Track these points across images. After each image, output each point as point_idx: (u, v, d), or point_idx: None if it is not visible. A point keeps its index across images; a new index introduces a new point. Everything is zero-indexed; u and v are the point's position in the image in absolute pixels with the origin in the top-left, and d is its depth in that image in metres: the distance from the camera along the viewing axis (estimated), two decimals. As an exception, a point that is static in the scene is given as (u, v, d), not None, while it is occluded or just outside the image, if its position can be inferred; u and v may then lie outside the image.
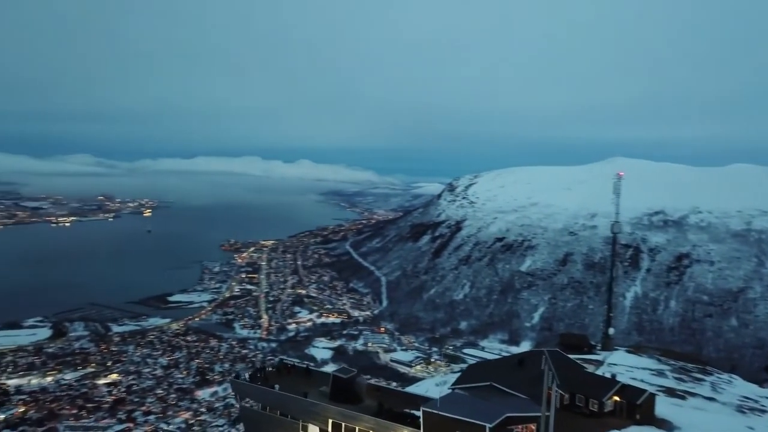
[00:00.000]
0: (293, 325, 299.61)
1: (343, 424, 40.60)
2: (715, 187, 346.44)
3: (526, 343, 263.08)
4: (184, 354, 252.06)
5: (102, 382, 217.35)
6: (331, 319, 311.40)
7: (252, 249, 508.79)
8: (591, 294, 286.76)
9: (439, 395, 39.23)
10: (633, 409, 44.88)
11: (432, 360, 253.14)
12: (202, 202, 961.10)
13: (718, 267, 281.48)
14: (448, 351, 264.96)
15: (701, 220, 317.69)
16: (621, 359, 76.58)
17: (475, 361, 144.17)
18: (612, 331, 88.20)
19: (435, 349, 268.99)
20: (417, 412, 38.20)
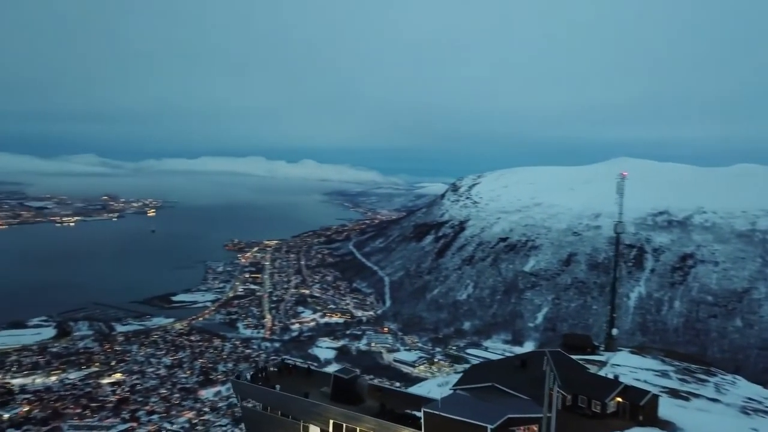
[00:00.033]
0: (296, 325, 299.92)
1: (344, 425, 40.50)
2: (719, 187, 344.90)
3: (530, 344, 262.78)
4: (188, 354, 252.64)
5: (106, 381, 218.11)
6: (335, 319, 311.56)
7: (256, 249, 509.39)
8: (595, 294, 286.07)
9: (441, 396, 39.14)
10: (636, 410, 44.64)
11: (435, 360, 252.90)
12: (206, 202, 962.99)
13: (722, 267, 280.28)
14: (452, 351, 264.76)
15: (706, 221, 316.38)
16: (624, 360, 76.27)
17: (478, 362, 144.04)
18: (615, 331, 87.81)
19: (438, 349, 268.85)
20: (418, 413, 38.08)
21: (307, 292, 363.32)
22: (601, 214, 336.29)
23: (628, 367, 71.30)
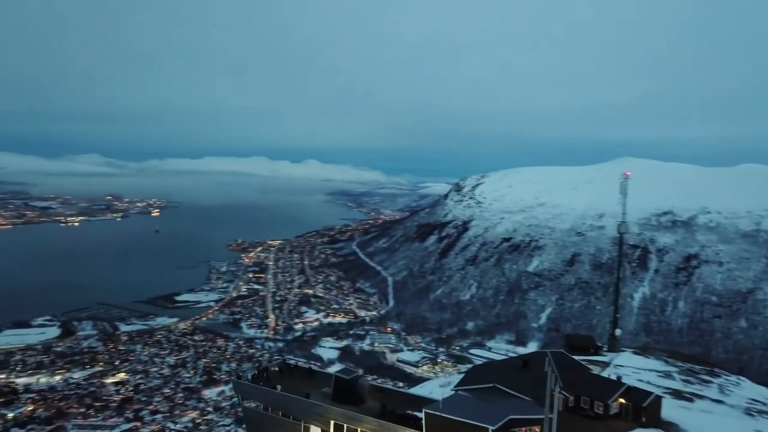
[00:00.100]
0: (300, 325, 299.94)
1: (345, 426, 40.45)
2: (724, 187, 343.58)
3: (533, 344, 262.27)
4: (192, 353, 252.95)
5: (110, 381, 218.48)
6: (338, 319, 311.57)
7: (259, 249, 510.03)
8: (599, 294, 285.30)
9: (442, 397, 39.02)
10: (639, 411, 44.43)
11: (438, 360, 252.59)
12: (209, 202, 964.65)
13: (727, 268, 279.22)
14: (455, 351, 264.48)
15: (710, 221, 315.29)
16: (627, 361, 75.97)
17: (482, 362, 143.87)
18: (619, 332, 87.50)
19: (441, 349, 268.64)
20: (420, 414, 37.96)
21: (310, 292, 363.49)
22: (605, 214, 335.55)
23: (632, 367, 71.04)
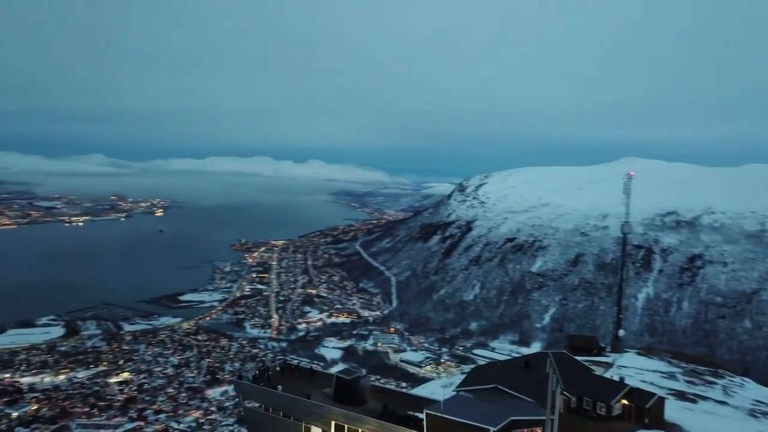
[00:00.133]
0: (303, 325, 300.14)
1: (346, 426, 40.36)
2: (728, 187, 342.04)
3: (537, 344, 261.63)
4: (195, 353, 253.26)
5: (114, 380, 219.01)
6: (341, 319, 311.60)
7: (263, 249, 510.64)
8: (602, 295, 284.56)
9: (444, 397, 38.87)
10: (642, 412, 44.17)
11: (442, 361, 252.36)
12: (213, 202, 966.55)
13: (731, 268, 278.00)
14: (458, 352, 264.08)
15: (714, 221, 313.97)
16: (631, 361, 75.62)
17: (485, 362, 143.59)
18: (622, 332, 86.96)
19: (445, 349, 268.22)
20: (421, 415, 37.84)
21: (313, 292, 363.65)
22: (609, 214, 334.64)
23: (635, 368, 70.70)
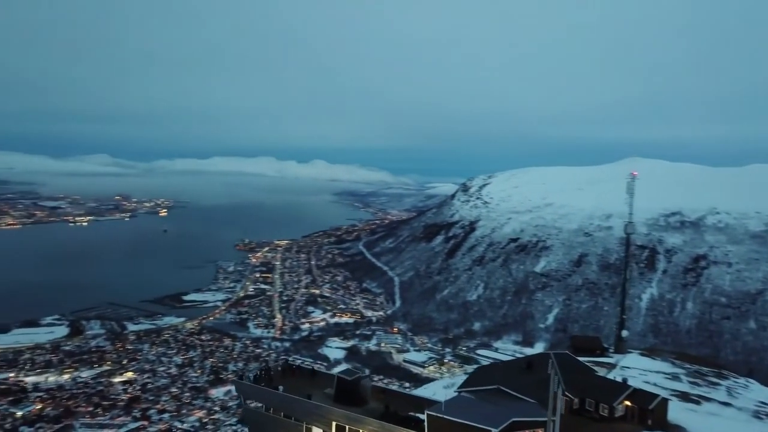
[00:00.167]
0: (307, 325, 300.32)
1: (347, 427, 40.27)
2: (732, 187, 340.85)
3: (540, 345, 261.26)
4: (199, 353, 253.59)
5: (117, 380, 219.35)
6: (345, 319, 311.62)
7: (266, 249, 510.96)
8: (606, 295, 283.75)
9: (445, 398, 38.74)
10: (645, 414, 43.96)
11: (445, 361, 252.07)
12: (217, 202, 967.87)
13: (736, 269, 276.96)
14: (462, 352, 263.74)
15: (719, 221, 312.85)
16: (634, 362, 75.47)
17: (488, 363, 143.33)
18: (625, 333, 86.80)
19: (448, 349, 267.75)
20: (422, 416, 37.73)
21: (317, 291, 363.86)
22: (613, 214, 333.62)
23: (638, 369, 70.53)
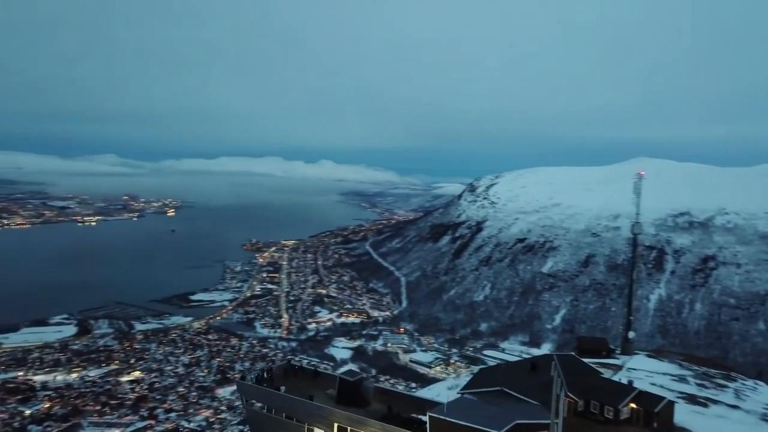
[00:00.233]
0: (313, 325, 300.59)
1: (348, 428, 40.13)
2: (741, 187, 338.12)
3: (547, 346, 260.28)
4: (206, 352, 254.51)
5: (125, 379, 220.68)
6: (351, 319, 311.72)
7: (273, 249, 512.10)
8: (614, 296, 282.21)
9: (447, 400, 38.48)
10: (650, 416, 43.36)
11: (452, 361, 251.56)
12: (224, 202, 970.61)
13: (745, 269, 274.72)
14: (468, 352, 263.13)
15: (728, 222, 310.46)
16: (641, 364, 74.68)
17: (495, 363, 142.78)
18: (632, 334, 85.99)
19: (455, 350, 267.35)
20: (425, 418, 37.50)
21: (323, 291, 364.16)
22: (620, 214, 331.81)
23: (645, 371, 69.76)
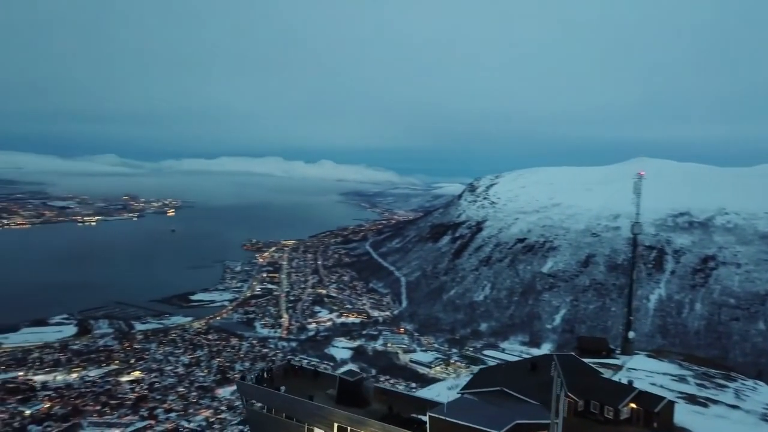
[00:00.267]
0: (313, 325, 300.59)
1: (348, 429, 40.13)
2: (741, 187, 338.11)
3: (547, 346, 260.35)
4: (206, 352, 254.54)
5: (125, 379, 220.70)
6: (351, 319, 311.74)
7: (273, 249, 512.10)
8: (614, 296, 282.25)
9: (447, 400, 38.48)
10: (650, 417, 43.36)
11: (452, 361, 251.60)
12: (224, 202, 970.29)
13: (745, 269, 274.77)
14: (468, 352, 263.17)
15: (728, 222, 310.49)
16: (641, 364, 74.68)
17: (495, 363, 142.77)
18: (632, 334, 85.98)
19: (455, 350, 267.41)
20: (425, 418, 37.50)
21: (323, 291, 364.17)
22: (621, 214, 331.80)
23: (645, 371, 69.75)
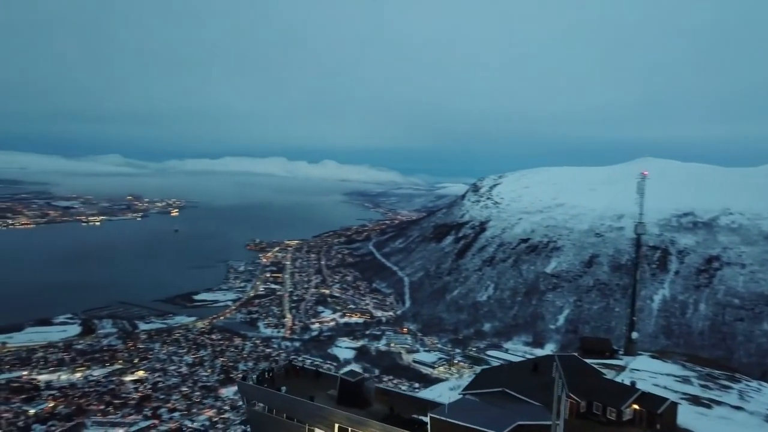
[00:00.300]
0: (317, 325, 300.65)
1: (349, 429, 40.05)
2: (746, 188, 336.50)
3: (551, 346, 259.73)
4: (209, 352, 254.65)
5: (129, 378, 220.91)
6: (354, 319, 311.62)
7: (276, 249, 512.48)
8: (617, 296, 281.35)
9: (449, 401, 38.37)
10: (653, 418, 43.20)
11: (455, 362, 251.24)
12: (227, 202, 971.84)
13: (749, 270, 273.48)
14: (471, 353, 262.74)
15: (732, 222, 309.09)
16: (644, 365, 74.49)
17: (498, 364, 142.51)
18: (635, 335, 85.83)
19: (458, 350, 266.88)
20: (426, 418, 37.39)
21: (327, 291, 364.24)
22: (624, 215, 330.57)
23: (648, 372, 69.55)
